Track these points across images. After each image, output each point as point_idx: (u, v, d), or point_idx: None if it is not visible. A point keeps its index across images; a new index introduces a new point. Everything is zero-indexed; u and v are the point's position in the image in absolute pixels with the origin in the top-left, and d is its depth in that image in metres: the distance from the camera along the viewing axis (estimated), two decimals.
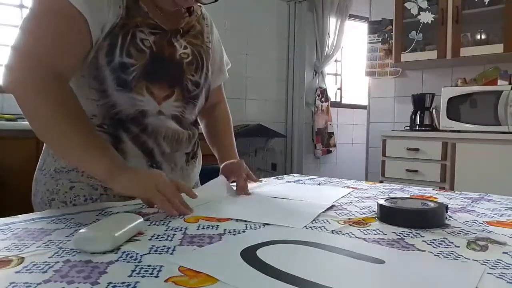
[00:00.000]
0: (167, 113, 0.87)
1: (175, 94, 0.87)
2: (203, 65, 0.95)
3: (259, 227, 0.64)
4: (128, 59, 0.80)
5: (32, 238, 0.54)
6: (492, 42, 2.69)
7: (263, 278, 0.42)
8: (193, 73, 0.91)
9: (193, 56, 0.92)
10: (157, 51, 0.84)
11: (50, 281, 0.40)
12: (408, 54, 3.00)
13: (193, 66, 0.92)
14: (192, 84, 0.91)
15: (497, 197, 0.95)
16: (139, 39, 0.82)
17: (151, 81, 0.83)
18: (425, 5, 2.92)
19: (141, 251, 0.49)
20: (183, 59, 0.90)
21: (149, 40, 0.83)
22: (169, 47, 0.87)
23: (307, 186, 1.10)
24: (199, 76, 0.93)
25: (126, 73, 0.80)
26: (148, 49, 0.83)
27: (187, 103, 0.91)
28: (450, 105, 2.69)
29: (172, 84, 0.87)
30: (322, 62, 4.33)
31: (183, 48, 0.90)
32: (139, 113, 0.84)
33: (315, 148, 4.34)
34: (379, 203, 0.71)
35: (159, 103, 0.85)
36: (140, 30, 0.82)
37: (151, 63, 0.83)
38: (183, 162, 0.94)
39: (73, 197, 0.83)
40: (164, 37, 0.87)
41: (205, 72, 0.95)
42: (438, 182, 2.61)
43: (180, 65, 0.89)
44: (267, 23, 3.99)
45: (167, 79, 0.86)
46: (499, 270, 0.45)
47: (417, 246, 0.55)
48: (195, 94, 0.93)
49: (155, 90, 0.84)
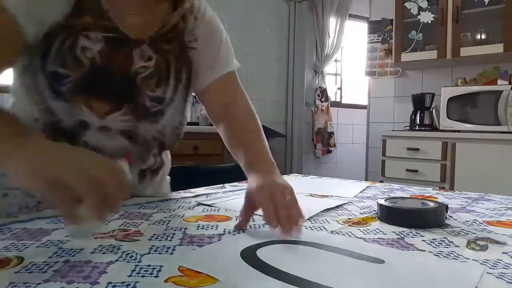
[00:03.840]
0: (114, 128, 0.75)
1: (123, 109, 0.74)
2: (169, 77, 0.79)
3: (258, 227, 0.64)
4: (61, 69, 0.68)
5: (32, 238, 0.54)
6: (492, 42, 2.69)
7: (263, 278, 0.42)
8: (152, 88, 0.77)
9: (156, 69, 0.77)
10: (102, 63, 0.71)
11: (50, 281, 0.40)
12: (408, 54, 3.00)
13: (153, 81, 0.77)
14: (151, 100, 0.77)
15: (497, 197, 0.95)
16: (79, 48, 0.68)
17: (91, 94, 0.71)
18: (425, 5, 2.92)
19: (141, 251, 0.49)
20: (138, 74, 0.75)
21: (93, 49, 0.69)
22: (123, 59, 0.73)
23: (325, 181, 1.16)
24: (163, 91, 0.78)
25: (59, 84, 0.69)
26: (88, 60, 0.69)
27: (144, 119, 0.78)
28: (450, 105, 2.69)
29: (119, 100, 0.74)
30: (322, 62, 4.33)
31: (145, 60, 0.75)
32: (80, 124, 0.73)
33: (315, 148, 4.34)
34: (379, 203, 0.71)
35: (101, 118, 0.73)
36: (86, 35, 0.69)
37: (90, 77, 0.70)
38: (134, 180, 0.83)
39: (6, 205, 0.75)
40: (120, 45, 0.73)
41: (174, 84, 0.80)
42: (438, 182, 2.61)
43: (133, 81, 0.75)
44: (267, 23, 3.99)
45: (112, 95, 0.74)
46: (499, 270, 0.45)
47: (417, 246, 0.55)
48: (156, 111, 0.78)
49: (95, 104, 0.72)
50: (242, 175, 0.79)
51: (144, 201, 0.81)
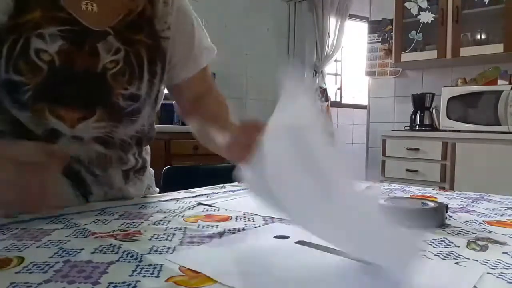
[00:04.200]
0: (87, 136, 0.69)
1: (97, 115, 0.67)
2: (142, 72, 0.72)
3: (259, 226, 0.64)
4: (17, 76, 0.60)
5: (32, 238, 0.54)
6: (492, 42, 2.70)
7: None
8: (125, 86, 0.69)
9: (125, 63, 0.69)
10: (62, 64, 0.63)
11: (51, 281, 0.40)
12: (408, 54, 3.00)
13: (125, 78, 0.69)
14: (125, 99, 0.70)
15: (497, 197, 0.95)
16: (33, 50, 0.60)
17: (55, 102, 0.64)
18: (425, 5, 2.92)
19: (142, 251, 0.49)
20: (107, 70, 0.67)
21: (48, 51, 0.61)
22: (87, 56, 0.65)
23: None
24: (137, 87, 0.71)
25: (18, 92, 0.62)
26: (45, 64, 0.61)
27: (119, 122, 0.71)
28: (450, 105, 2.69)
29: (90, 104, 0.67)
30: (322, 62, 4.33)
31: (113, 54, 0.67)
32: (50, 133, 0.66)
33: None
34: (379, 203, 0.71)
35: (72, 127, 0.66)
36: (39, 34, 0.60)
37: (51, 82, 0.62)
38: (120, 182, 0.79)
39: None
40: (81, 39, 0.64)
41: (148, 79, 0.73)
42: (438, 182, 2.62)
43: (102, 79, 0.67)
44: (267, 23, 3.99)
45: (80, 99, 0.66)
46: (499, 270, 0.45)
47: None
48: (132, 109, 0.72)
49: (63, 113, 0.64)
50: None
51: (144, 201, 0.81)
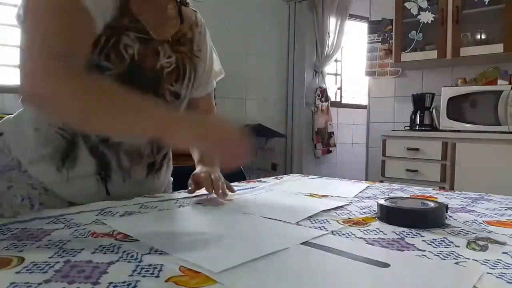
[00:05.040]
0: None
1: None
2: (185, 75, 0.89)
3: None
4: (106, 62, 0.75)
5: (32, 238, 0.54)
6: (492, 42, 2.69)
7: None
8: (172, 82, 0.86)
9: (176, 66, 0.87)
10: (139, 60, 0.79)
11: (51, 281, 0.40)
12: (408, 54, 3.00)
13: (174, 75, 0.87)
14: (170, 94, 0.86)
15: (497, 197, 0.95)
16: (122, 45, 0.77)
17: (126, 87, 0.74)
18: (425, 5, 2.92)
19: (142, 251, 0.49)
20: (164, 68, 0.84)
21: (133, 47, 0.78)
22: (153, 56, 0.82)
23: (325, 181, 1.17)
24: (179, 87, 0.88)
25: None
26: (129, 57, 0.78)
27: None
28: (450, 105, 2.69)
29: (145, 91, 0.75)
30: (322, 62, 4.33)
31: (167, 57, 0.85)
32: None
33: (315, 148, 4.34)
34: (379, 203, 0.71)
35: None
36: (127, 34, 0.77)
37: (129, 72, 0.78)
38: (142, 175, 0.89)
39: (11, 197, 0.80)
40: (150, 44, 0.82)
41: (187, 84, 0.90)
42: (438, 182, 2.62)
43: (159, 74, 0.84)
44: (267, 23, 3.98)
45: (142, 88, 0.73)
46: (499, 270, 0.45)
47: (417, 246, 0.55)
48: (173, 106, 0.88)
49: None
50: (242, 175, 0.80)
51: (144, 201, 0.81)
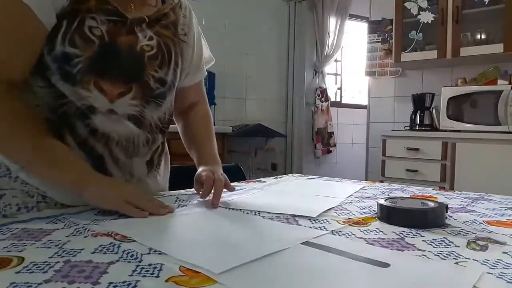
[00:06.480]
0: (121, 112, 0.77)
1: (133, 92, 0.77)
2: (171, 60, 0.84)
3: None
4: (71, 48, 0.71)
5: (32, 238, 0.54)
6: (492, 42, 2.69)
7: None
8: (156, 68, 0.81)
9: (158, 49, 0.81)
10: (110, 41, 0.74)
11: (51, 281, 0.40)
12: (408, 54, 3.00)
13: (157, 61, 0.81)
14: (155, 81, 0.81)
15: (497, 197, 0.95)
16: (87, 27, 0.72)
17: (101, 75, 0.73)
18: (425, 5, 2.92)
19: (142, 250, 0.49)
20: (144, 51, 0.79)
21: (100, 28, 0.73)
22: (128, 37, 0.77)
23: (321, 182, 1.16)
24: (165, 73, 0.83)
25: (70, 65, 0.71)
26: (97, 38, 0.73)
27: (148, 102, 0.81)
28: (450, 105, 2.69)
29: (128, 80, 0.77)
30: (322, 62, 4.33)
31: (148, 39, 0.79)
32: (87, 109, 0.74)
33: (315, 148, 4.34)
34: (379, 203, 0.71)
35: (111, 100, 0.75)
36: (92, 17, 0.72)
37: (100, 55, 0.73)
38: (142, 172, 0.87)
39: (3, 206, 0.75)
40: (123, 25, 0.76)
41: (173, 68, 0.85)
42: (438, 182, 2.61)
43: (140, 58, 0.78)
44: (267, 23, 3.98)
45: (121, 73, 0.76)
46: (499, 270, 0.45)
47: (417, 246, 0.55)
48: (159, 93, 0.82)
49: (106, 86, 0.74)
50: (242, 175, 0.80)
51: None
